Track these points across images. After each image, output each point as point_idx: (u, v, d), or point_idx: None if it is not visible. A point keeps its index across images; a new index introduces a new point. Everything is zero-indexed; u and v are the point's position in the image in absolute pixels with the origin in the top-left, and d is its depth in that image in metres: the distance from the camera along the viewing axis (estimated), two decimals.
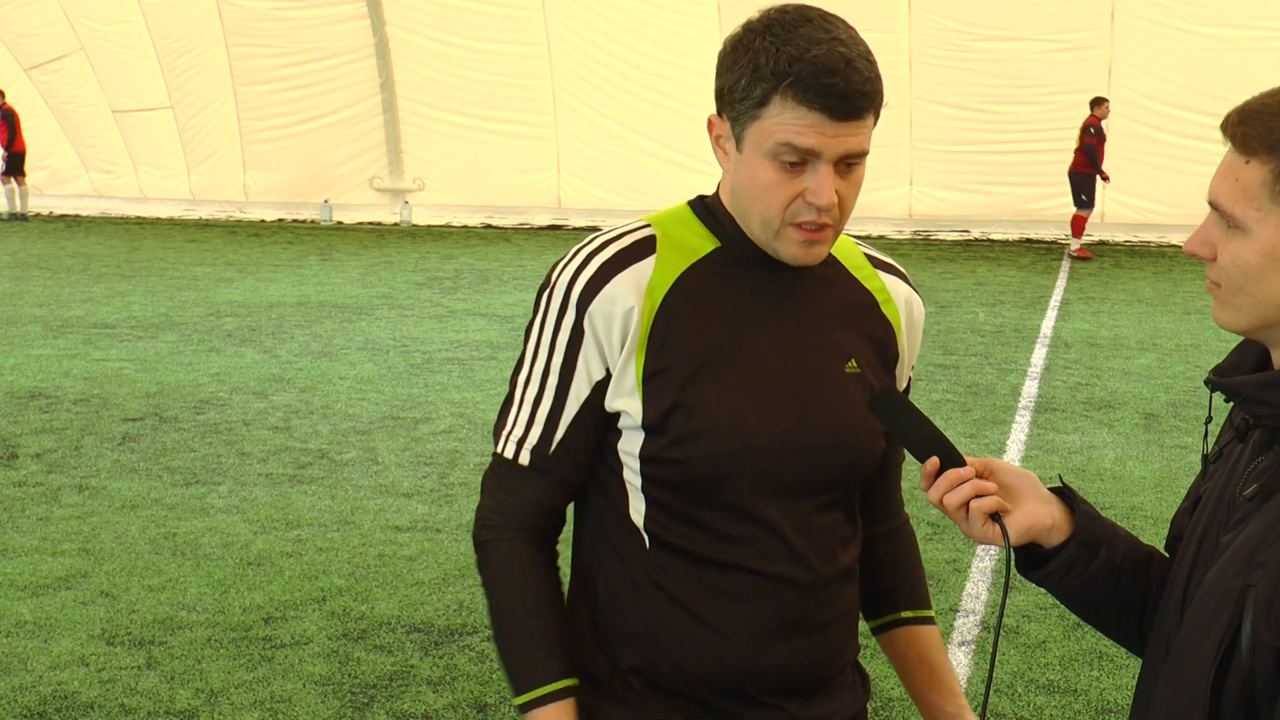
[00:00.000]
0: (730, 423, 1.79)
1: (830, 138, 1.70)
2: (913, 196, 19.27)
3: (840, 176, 1.74)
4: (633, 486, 1.85)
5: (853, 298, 1.91)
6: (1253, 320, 1.53)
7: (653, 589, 1.85)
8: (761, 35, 1.72)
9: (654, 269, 1.82)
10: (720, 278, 1.84)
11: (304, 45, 20.54)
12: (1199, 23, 17.27)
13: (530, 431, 1.87)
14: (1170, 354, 10.72)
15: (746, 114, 1.73)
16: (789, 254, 1.78)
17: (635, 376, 1.80)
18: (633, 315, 1.80)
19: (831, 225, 1.76)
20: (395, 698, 4.56)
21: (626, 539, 1.86)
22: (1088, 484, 7.05)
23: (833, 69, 1.68)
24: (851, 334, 1.89)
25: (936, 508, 1.68)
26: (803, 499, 1.84)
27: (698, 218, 1.88)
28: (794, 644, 1.86)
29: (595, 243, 1.86)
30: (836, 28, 1.73)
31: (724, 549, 1.82)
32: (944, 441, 1.69)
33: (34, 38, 21.94)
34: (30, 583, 5.61)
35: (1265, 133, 1.48)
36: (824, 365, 1.86)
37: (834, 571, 1.89)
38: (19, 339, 11.18)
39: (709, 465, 1.79)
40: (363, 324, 12.04)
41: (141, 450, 7.68)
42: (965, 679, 4.77)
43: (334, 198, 21.48)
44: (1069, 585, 1.69)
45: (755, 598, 1.83)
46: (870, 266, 1.97)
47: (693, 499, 1.82)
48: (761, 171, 1.74)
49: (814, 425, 1.84)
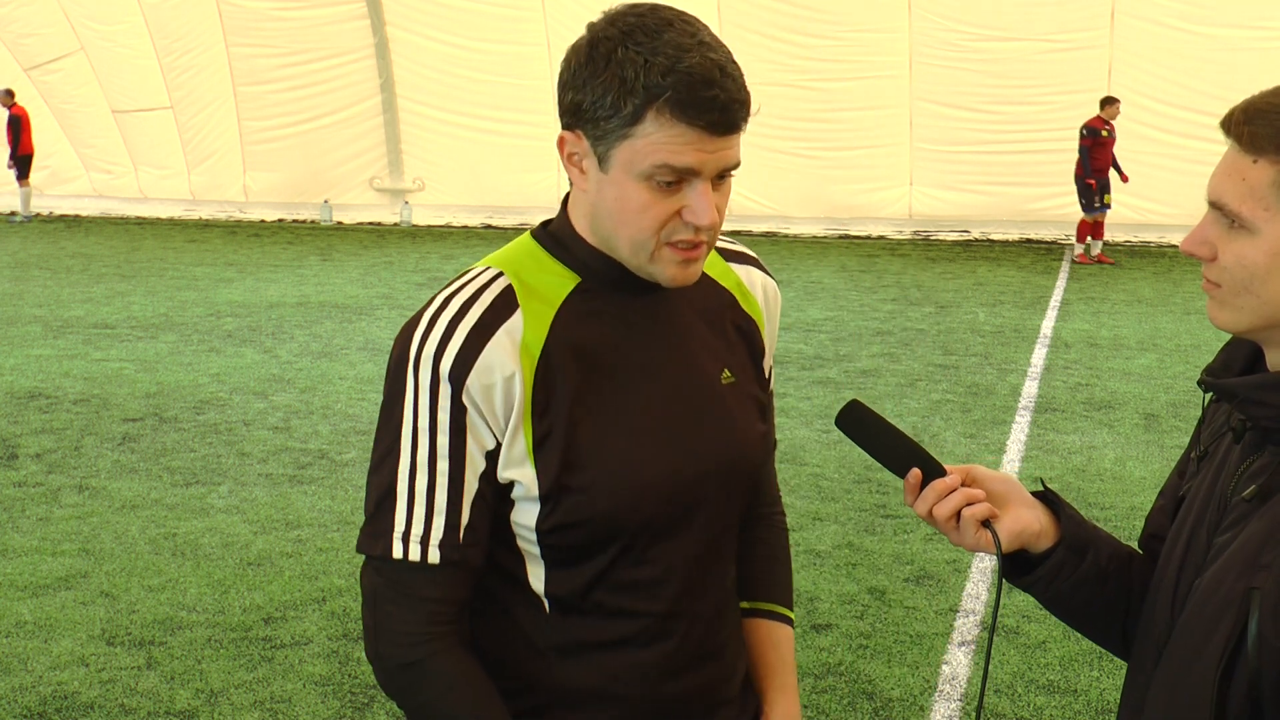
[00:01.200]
0: (626, 473, 1.69)
1: (710, 154, 1.58)
2: (913, 196, 19.26)
3: (715, 191, 1.62)
4: (530, 555, 1.73)
5: (712, 300, 1.81)
6: (1255, 321, 1.52)
7: (554, 654, 1.76)
8: (622, 44, 1.58)
9: (523, 324, 1.67)
10: (588, 316, 1.70)
11: (304, 45, 20.54)
12: (1199, 23, 17.26)
13: (433, 524, 1.67)
14: (1170, 354, 10.72)
15: (614, 132, 1.58)
16: (666, 276, 1.66)
17: (525, 445, 1.67)
18: (514, 382, 1.65)
19: (707, 242, 1.65)
20: None
21: (524, 607, 1.76)
22: (1088, 484, 7.05)
23: (709, 80, 1.55)
24: (720, 341, 1.80)
25: (925, 520, 1.67)
26: (697, 527, 1.76)
27: (549, 253, 1.74)
28: (697, 673, 1.81)
29: (452, 307, 1.68)
30: (700, 30, 1.59)
31: (625, 598, 1.74)
32: (921, 452, 1.66)
33: (34, 38, 21.94)
34: (30, 583, 5.61)
35: (1273, 132, 1.46)
36: (701, 382, 1.77)
37: (724, 591, 1.85)
38: (19, 339, 11.18)
39: (609, 521, 1.69)
40: (363, 324, 12.04)
41: (141, 450, 7.68)
42: (965, 679, 4.77)
43: (334, 198, 21.47)
44: (1057, 589, 1.69)
45: (659, 641, 1.77)
46: (722, 261, 1.86)
47: (593, 556, 1.72)
48: (633, 193, 1.60)
49: (702, 453, 1.75)
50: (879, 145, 18.69)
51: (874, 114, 18.47)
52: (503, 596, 1.77)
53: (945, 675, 4.79)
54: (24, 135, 21.10)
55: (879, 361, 10.29)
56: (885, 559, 5.89)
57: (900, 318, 12.40)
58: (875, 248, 18.13)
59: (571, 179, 1.69)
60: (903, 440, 1.67)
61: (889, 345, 10.99)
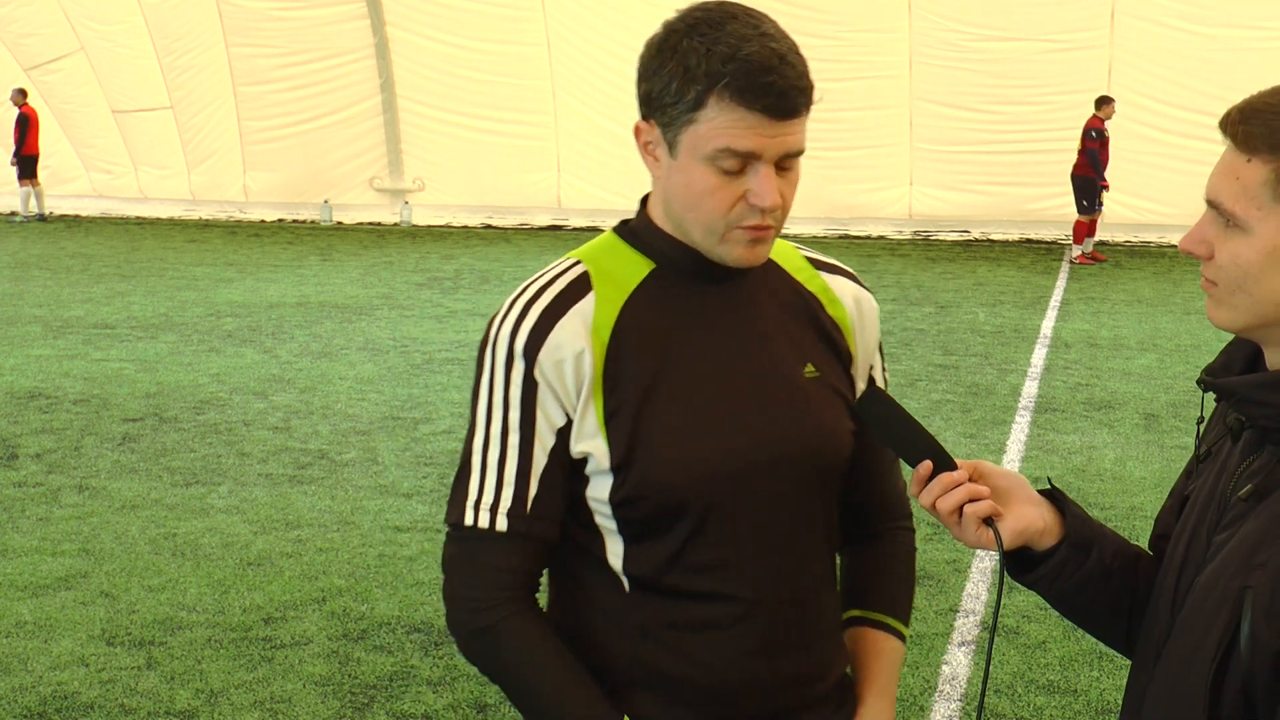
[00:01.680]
0: (697, 448, 1.74)
1: (770, 138, 1.65)
2: (913, 197, 19.26)
3: (779, 175, 1.69)
4: (608, 531, 1.79)
5: (797, 301, 1.86)
6: (1250, 319, 1.53)
7: (634, 632, 1.80)
8: (687, 35, 1.66)
9: (595, 306, 1.76)
10: (662, 301, 1.78)
11: (304, 45, 20.53)
12: (1199, 23, 17.26)
13: (502, 494, 1.77)
14: (1170, 354, 10.72)
15: (680, 118, 1.67)
16: (734, 256, 1.73)
17: (597, 418, 1.74)
18: (584, 358, 1.74)
19: (774, 225, 1.71)
20: (395, 698, 4.56)
21: (604, 587, 1.81)
22: (1088, 484, 7.05)
23: (768, 67, 1.62)
24: (803, 338, 1.84)
25: (929, 512, 1.68)
26: (776, 514, 1.80)
27: (626, 243, 1.82)
28: (780, 663, 1.82)
29: (529, 291, 1.79)
30: (763, 23, 1.67)
31: (703, 579, 1.77)
32: (935, 445, 1.67)
33: (34, 38, 21.93)
34: (30, 583, 5.61)
35: (1268, 132, 1.47)
36: (782, 373, 1.81)
37: (813, 583, 1.86)
38: (19, 339, 11.18)
39: (681, 494, 1.74)
40: (363, 324, 12.04)
41: (141, 450, 7.68)
42: (965, 679, 4.77)
43: (334, 198, 21.47)
44: (1061, 587, 1.69)
45: (738, 624, 1.79)
46: (811, 269, 1.91)
47: (668, 531, 1.76)
48: (700, 177, 1.68)
49: (781, 439, 1.78)
50: (879, 145, 18.69)
51: (874, 114, 18.47)
52: (584, 577, 1.83)
53: (945, 675, 4.79)
54: (30, 135, 21.11)
55: None
56: None
57: (900, 318, 12.41)
58: (875, 248, 18.13)
59: (648, 167, 1.78)
60: (919, 432, 1.68)
61: (889, 345, 10.99)
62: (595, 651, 1.82)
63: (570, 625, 1.85)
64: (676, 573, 1.77)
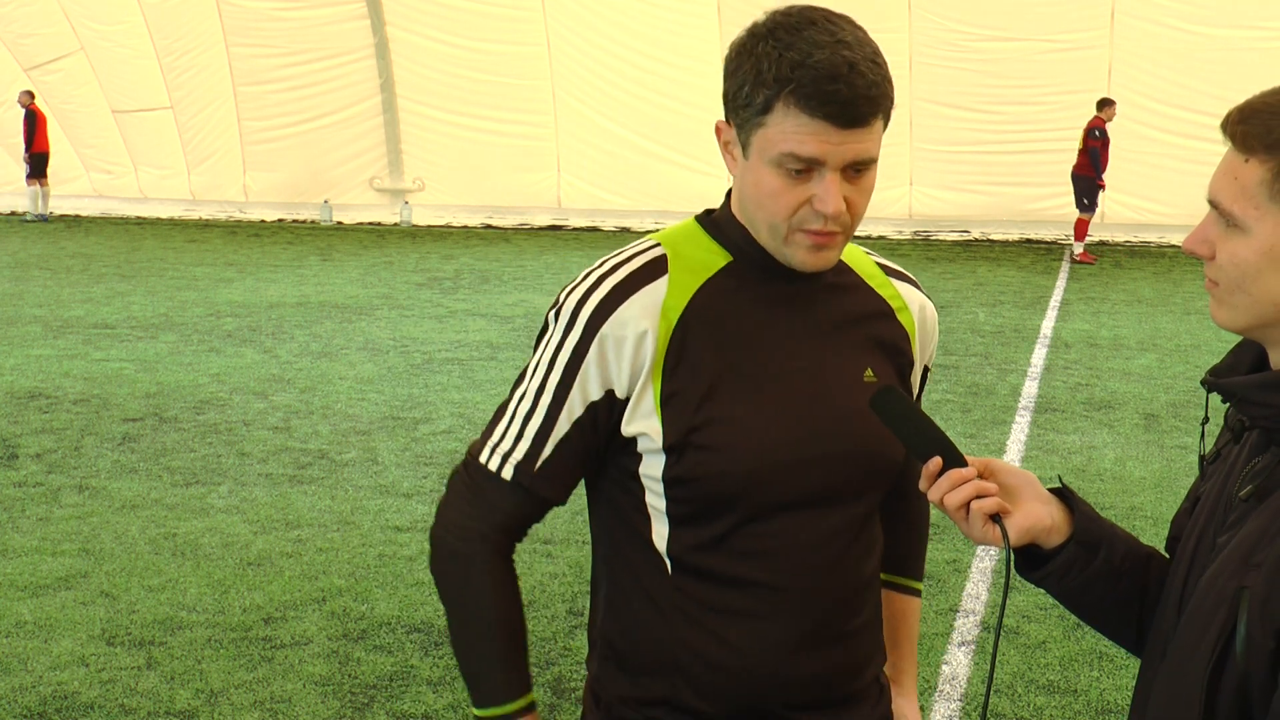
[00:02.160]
0: (752, 437, 1.78)
1: (835, 145, 1.67)
2: (913, 197, 19.27)
3: (848, 182, 1.71)
4: (656, 510, 1.82)
5: (868, 306, 1.90)
6: (1250, 319, 1.53)
7: (676, 614, 1.83)
8: (765, 39, 1.69)
9: (667, 290, 1.80)
10: (734, 292, 1.82)
11: (304, 45, 20.54)
12: (1199, 23, 17.26)
13: (517, 446, 1.84)
14: (1170, 354, 10.73)
15: (750, 121, 1.70)
16: (798, 260, 1.76)
17: (654, 398, 1.78)
18: (647, 338, 1.77)
19: (841, 231, 1.74)
20: (395, 698, 4.56)
21: (648, 566, 1.85)
22: (1088, 484, 7.05)
23: (835, 75, 1.64)
24: (868, 343, 1.88)
25: (937, 507, 1.68)
26: (825, 510, 1.83)
27: (706, 233, 1.86)
28: (818, 657, 1.85)
29: (607, 265, 1.84)
30: (842, 29, 1.68)
31: (746, 566, 1.81)
32: (946, 441, 1.69)
33: (34, 38, 21.94)
34: (30, 583, 5.61)
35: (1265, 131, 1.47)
36: (842, 375, 1.84)
37: (857, 581, 1.88)
38: (19, 339, 11.18)
39: (732, 481, 1.77)
40: (363, 324, 12.04)
41: (141, 450, 7.68)
42: (965, 679, 4.77)
43: (334, 198, 21.48)
44: (1068, 586, 1.69)
45: (778, 614, 1.82)
46: (883, 275, 1.95)
47: (716, 518, 1.80)
48: (767, 179, 1.71)
49: (835, 436, 1.82)
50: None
51: None
52: (630, 557, 1.87)
53: (945, 675, 4.79)
54: (38, 134, 21.15)
55: None
56: None
57: None
58: (875, 248, 18.04)
59: (727, 165, 1.81)
60: (930, 427, 1.70)
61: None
62: (639, 632, 1.86)
63: (615, 604, 1.89)
64: (721, 558, 1.81)
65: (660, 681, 1.86)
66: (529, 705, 1.88)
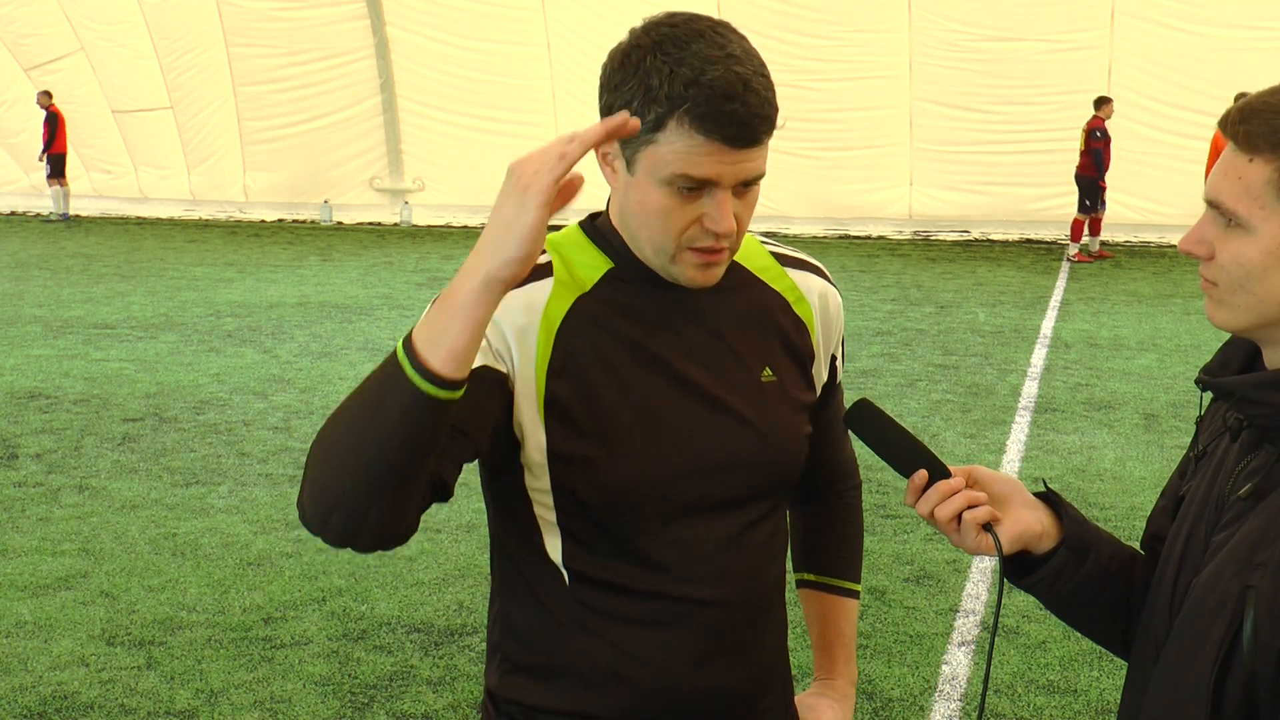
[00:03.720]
0: (642, 446, 1.73)
1: (729, 165, 1.61)
2: (912, 197, 19.26)
3: (736, 198, 1.66)
4: (547, 523, 1.77)
5: (761, 303, 1.85)
6: (1252, 319, 1.53)
7: (574, 626, 1.79)
8: (652, 53, 1.61)
9: (550, 294, 1.74)
10: (618, 299, 1.76)
11: (304, 45, 20.53)
12: (1199, 23, 17.25)
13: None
14: (1170, 354, 10.72)
15: (639, 137, 1.63)
16: (685, 277, 1.71)
17: (537, 404, 1.72)
18: (529, 333, 1.72)
19: (729, 248, 1.69)
20: (395, 698, 4.56)
21: (545, 577, 1.80)
22: (1088, 484, 7.05)
23: (730, 94, 1.58)
24: (764, 340, 1.83)
25: (927, 521, 1.67)
26: (727, 516, 1.79)
27: (589, 239, 1.80)
28: (723, 667, 1.81)
29: None
30: (730, 42, 1.62)
31: (646, 577, 1.76)
32: (927, 453, 1.67)
33: (34, 38, 21.93)
34: (30, 583, 5.61)
35: (1269, 131, 1.47)
36: (738, 377, 1.80)
37: (760, 588, 1.84)
38: (19, 339, 11.18)
39: (622, 492, 1.72)
40: (363, 324, 12.04)
41: (141, 450, 7.68)
42: (965, 679, 4.77)
43: (334, 198, 21.47)
44: (1059, 590, 1.69)
45: (681, 624, 1.77)
46: (778, 266, 1.89)
47: (609, 528, 1.75)
48: (655, 197, 1.65)
49: (732, 441, 1.77)
50: (879, 145, 18.69)
51: (874, 114, 18.47)
52: (525, 568, 1.82)
53: (945, 675, 4.79)
54: (59, 135, 21.18)
55: (879, 361, 10.29)
56: (885, 559, 5.89)
57: (900, 318, 12.41)
58: (875, 248, 18.13)
59: (605, 177, 1.74)
60: (910, 441, 1.67)
61: (889, 345, 10.99)
62: (536, 642, 1.82)
63: (510, 616, 1.85)
64: (618, 568, 1.76)
65: (561, 694, 1.81)
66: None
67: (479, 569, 5.79)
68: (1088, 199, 16.46)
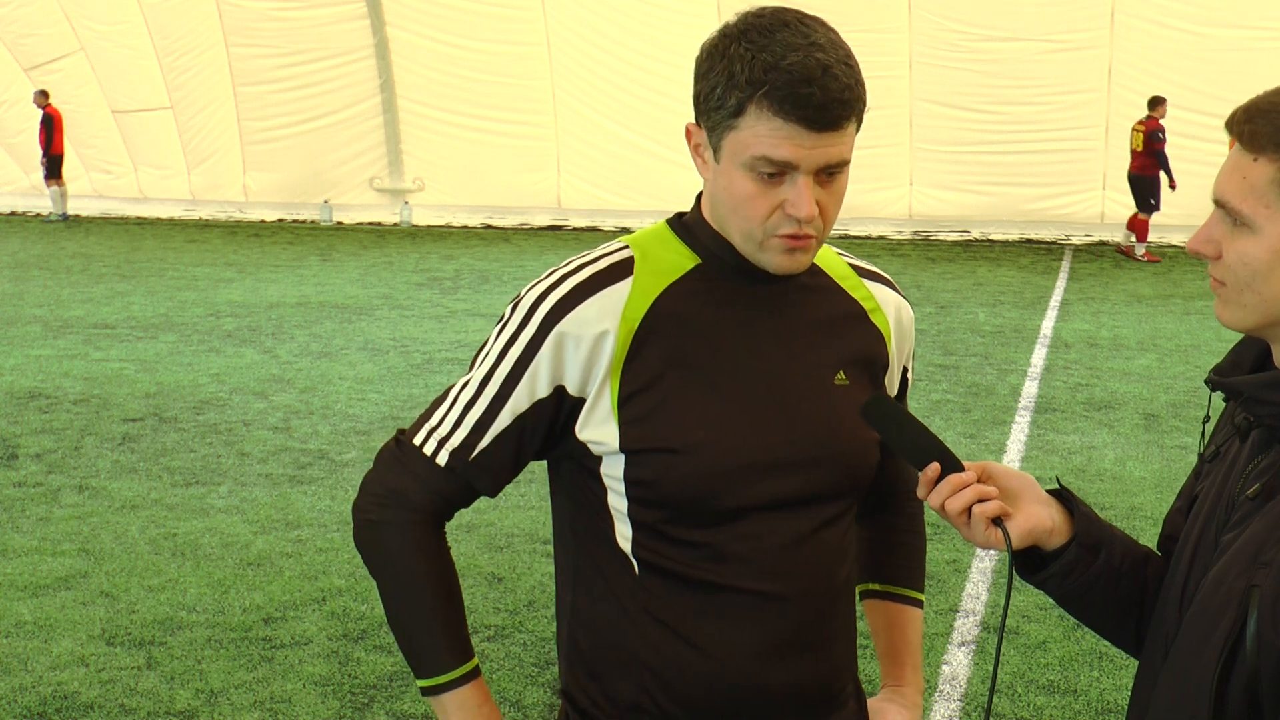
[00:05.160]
0: (716, 440, 1.75)
1: (808, 149, 1.65)
2: (912, 197, 19.26)
3: (821, 186, 1.69)
4: (618, 512, 1.79)
5: (840, 308, 1.88)
6: (1259, 318, 1.53)
7: (644, 616, 1.80)
8: (737, 41, 1.67)
9: (630, 292, 1.77)
10: (701, 295, 1.79)
11: (304, 45, 20.53)
12: (1199, 23, 17.25)
13: (455, 433, 1.82)
14: (1170, 354, 10.72)
15: (722, 124, 1.68)
16: (773, 264, 1.74)
17: (610, 402, 1.75)
18: (606, 339, 1.75)
19: (814, 235, 1.72)
20: (395, 698, 4.56)
21: (614, 566, 1.81)
22: (1088, 484, 7.05)
23: (809, 78, 1.62)
24: (840, 345, 1.86)
25: (938, 513, 1.68)
26: (797, 514, 1.80)
27: (676, 235, 1.84)
28: (792, 663, 1.82)
29: (573, 264, 1.82)
30: (815, 32, 1.66)
31: (715, 569, 1.77)
32: (941, 447, 1.68)
33: (34, 38, 21.92)
34: (30, 583, 5.61)
35: (1274, 130, 1.47)
36: (812, 378, 1.82)
37: (830, 587, 1.85)
38: (19, 339, 11.18)
39: (695, 485, 1.75)
40: (363, 324, 12.04)
41: (141, 450, 7.68)
42: (965, 679, 4.77)
43: (334, 198, 21.47)
44: (1069, 587, 1.69)
45: (750, 618, 1.79)
46: (856, 276, 1.93)
47: (680, 520, 1.77)
48: (739, 183, 1.69)
49: (804, 440, 1.79)
50: (879, 145, 18.68)
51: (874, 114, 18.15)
52: (597, 557, 1.83)
53: (945, 675, 4.79)
54: (56, 135, 21.16)
55: None
56: None
57: None
58: (875, 248, 18.13)
59: (697, 168, 1.79)
60: (924, 434, 1.69)
61: None
62: (608, 634, 1.83)
63: (580, 607, 1.86)
64: (688, 560, 1.78)
65: (630, 685, 1.82)
66: (472, 671, 1.85)
67: (479, 569, 5.79)
68: (1151, 198, 16.39)
